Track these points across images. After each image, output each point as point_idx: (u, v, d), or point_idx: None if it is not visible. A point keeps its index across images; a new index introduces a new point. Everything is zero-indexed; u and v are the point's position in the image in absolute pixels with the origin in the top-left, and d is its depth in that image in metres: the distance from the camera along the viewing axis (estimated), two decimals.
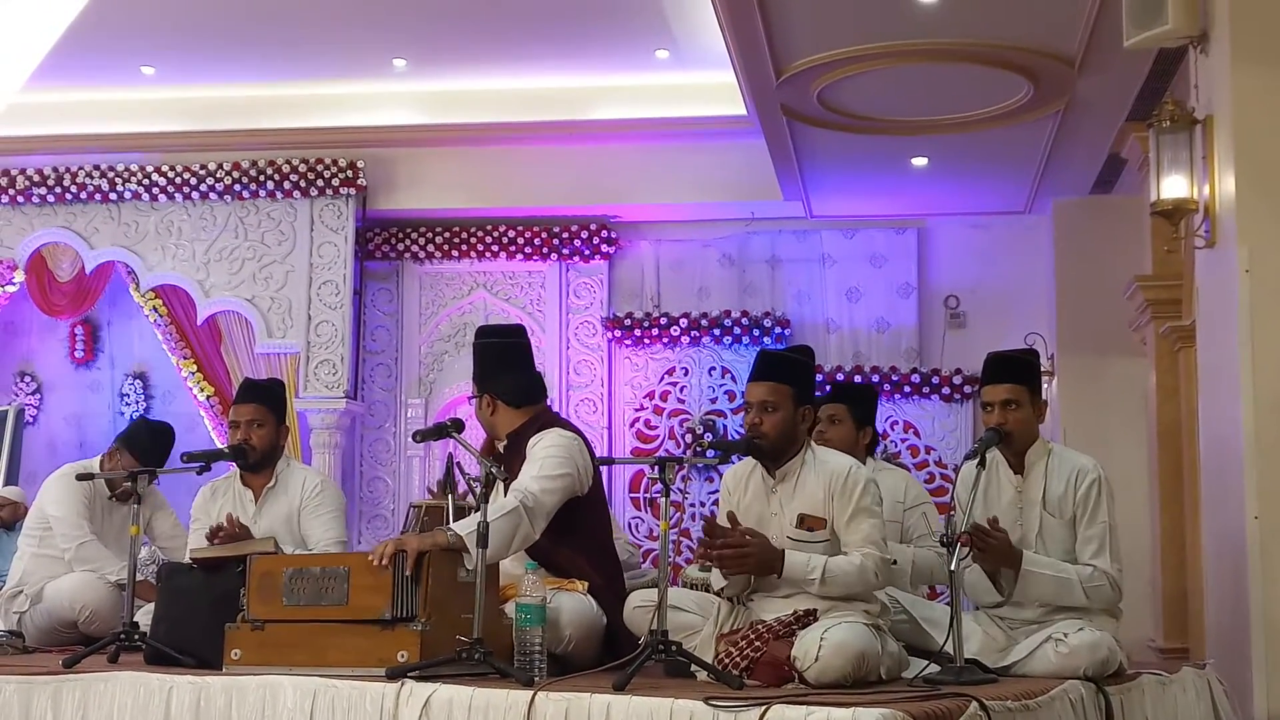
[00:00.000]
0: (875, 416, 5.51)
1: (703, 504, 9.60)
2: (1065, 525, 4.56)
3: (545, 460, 4.47)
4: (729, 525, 4.18)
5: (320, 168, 9.85)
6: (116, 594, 5.49)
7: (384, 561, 3.98)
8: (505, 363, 4.83)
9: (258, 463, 5.42)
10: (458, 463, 4.92)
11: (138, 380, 10.59)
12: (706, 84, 9.10)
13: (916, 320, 9.88)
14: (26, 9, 8.08)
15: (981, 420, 4.73)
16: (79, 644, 5.20)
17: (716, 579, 4.29)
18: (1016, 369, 4.69)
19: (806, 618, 4.07)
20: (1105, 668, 4.34)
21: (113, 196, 10.03)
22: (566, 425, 4.74)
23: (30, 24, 8.14)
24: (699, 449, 7.24)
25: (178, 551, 5.90)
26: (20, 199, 10.09)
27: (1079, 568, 4.50)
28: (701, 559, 4.43)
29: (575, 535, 4.57)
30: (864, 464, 4.71)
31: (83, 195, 10.03)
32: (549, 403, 5.04)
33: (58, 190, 10.03)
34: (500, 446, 4.74)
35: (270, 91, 9.76)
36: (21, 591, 5.80)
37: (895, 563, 4.81)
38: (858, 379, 9.52)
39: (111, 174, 9.99)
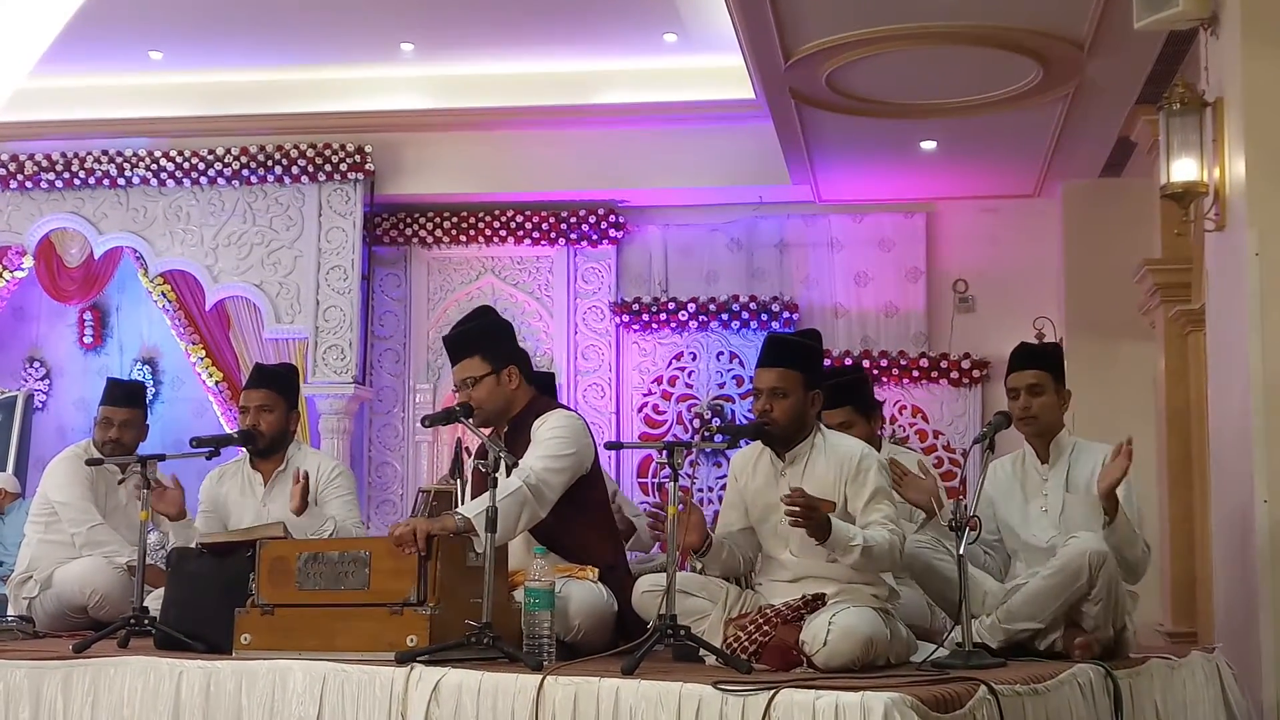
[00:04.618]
0: (872, 399, 5.49)
1: (711, 489, 9.61)
2: (1089, 503, 4.60)
3: (550, 441, 4.48)
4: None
5: (328, 153, 9.84)
6: (126, 579, 5.50)
7: (412, 548, 3.98)
8: (514, 339, 4.84)
9: (267, 448, 5.42)
10: (466, 447, 4.93)
11: (147, 365, 10.60)
12: (714, 68, 9.08)
13: (925, 304, 9.85)
14: None
15: (1008, 408, 4.76)
16: (89, 629, 5.21)
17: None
18: (1039, 357, 4.81)
19: (815, 602, 4.07)
20: (1109, 563, 4.36)
21: (121, 182, 10.03)
22: (562, 406, 4.77)
23: (38, 8, 8.13)
24: (707, 434, 7.24)
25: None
26: (29, 184, 10.10)
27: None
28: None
29: (582, 514, 4.58)
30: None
31: (91, 180, 10.04)
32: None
33: (66, 175, 10.04)
34: (501, 433, 4.68)
35: (278, 76, 9.76)
36: (31, 577, 5.81)
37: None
38: (866, 363, 9.51)
39: (120, 159, 10.00)
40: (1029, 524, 4.75)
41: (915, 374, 9.61)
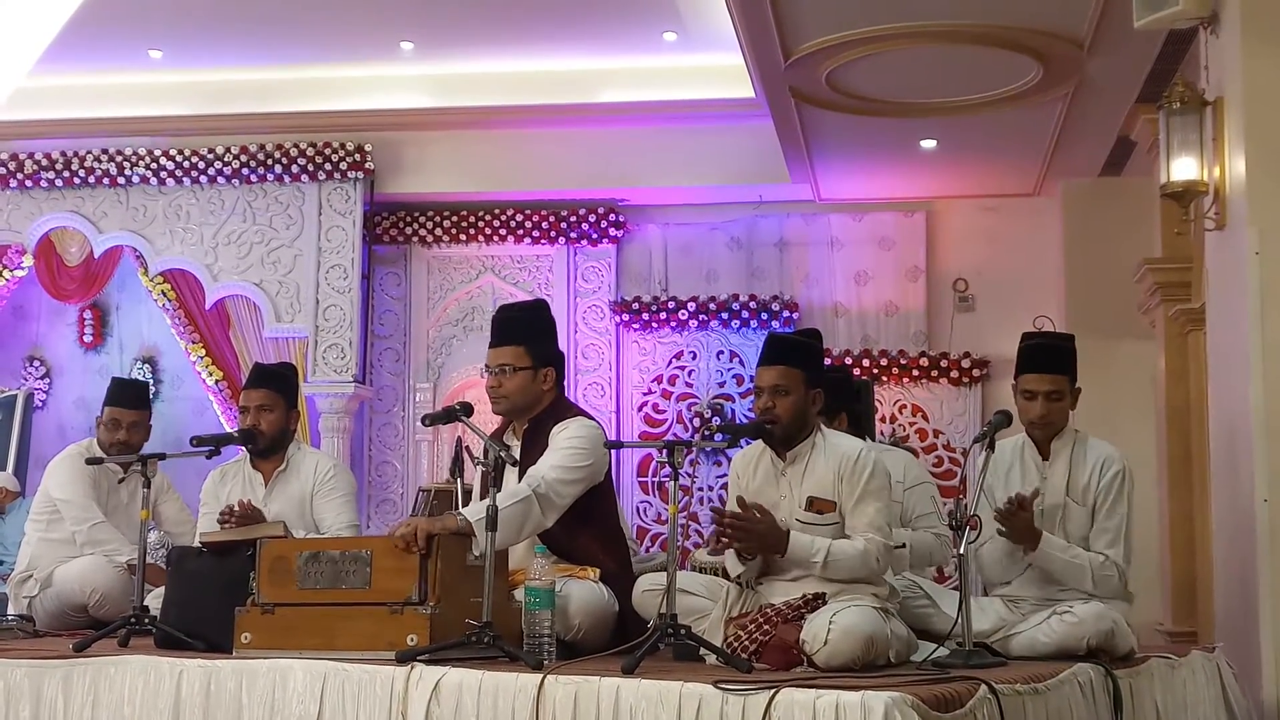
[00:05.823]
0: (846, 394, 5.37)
1: (711, 488, 9.61)
2: (1086, 511, 4.61)
3: (567, 451, 4.46)
4: (739, 509, 4.18)
5: (328, 151, 9.84)
6: (126, 578, 5.51)
7: (416, 547, 3.97)
8: (557, 341, 4.84)
9: (267, 448, 5.43)
10: (466, 446, 4.92)
11: (147, 364, 10.60)
12: (714, 66, 9.08)
13: (925, 303, 9.85)
14: None
15: (1019, 408, 4.68)
16: (89, 628, 5.22)
17: (733, 564, 4.28)
18: (1060, 358, 4.69)
19: (815, 601, 4.07)
20: (1109, 640, 4.35)
21: (121, 180, 10.03)
22: (583, 412, 4.74)
23: (37, 7, 8.13)
24: (707, 433, 7.24)
25: (184, 536, 5.93)
26: (28, 183, 10.10)
27: (1092, 555, 4.55)
28: (712, 545, 4.43)
29: (589, 522, 4.58)
30: None
31: (91, 179, 10.03)
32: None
33: (66, 174, 10.04)
34: (520, 430, 4.70)
35: (278, 75, 9.75)
36: (31, 576, 5.82)
37: (902, 547, 4.83)
38: (865, 362, 9.51)
39: (119, 158, 9.99)
40: None
41: (915, 373, 9.60)
